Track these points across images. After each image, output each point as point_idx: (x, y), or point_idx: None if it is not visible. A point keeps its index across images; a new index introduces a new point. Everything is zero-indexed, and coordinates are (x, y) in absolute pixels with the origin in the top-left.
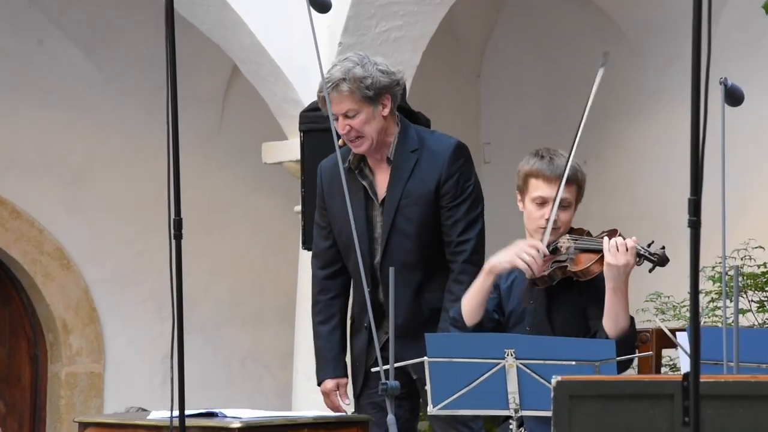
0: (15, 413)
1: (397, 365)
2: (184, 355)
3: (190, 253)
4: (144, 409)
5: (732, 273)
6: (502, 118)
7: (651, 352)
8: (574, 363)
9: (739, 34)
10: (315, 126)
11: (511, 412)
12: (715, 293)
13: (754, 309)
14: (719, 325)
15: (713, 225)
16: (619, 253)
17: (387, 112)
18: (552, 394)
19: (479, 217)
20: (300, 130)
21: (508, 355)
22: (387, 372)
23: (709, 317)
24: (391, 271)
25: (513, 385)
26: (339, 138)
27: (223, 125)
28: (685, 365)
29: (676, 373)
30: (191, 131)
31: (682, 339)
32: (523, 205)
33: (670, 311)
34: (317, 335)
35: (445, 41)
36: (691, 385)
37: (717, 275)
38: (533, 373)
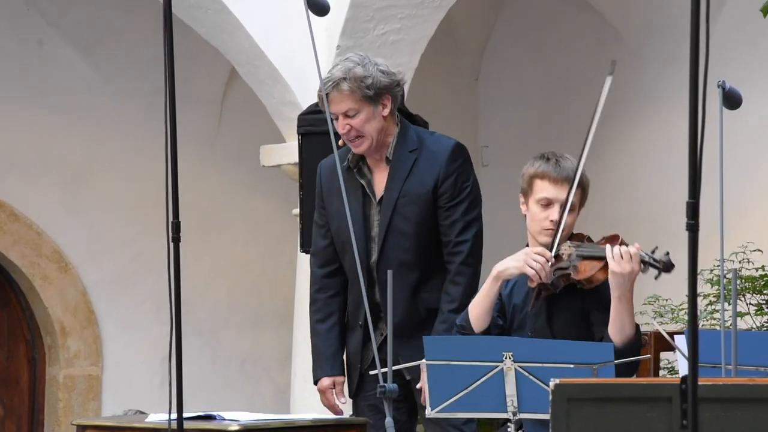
0: (13, 416)
1: (395, 368)
2: (182, 358)
3: (188, 256)
4: (142, 412)
5: (730, 276)
6: (501, 120)
7: (649, 355)
8: (572, 366)
9: (737, 36)
10: (313, 129)
11: (509, 415)
12: (714, 296)
13: (752, 312)
14: (717, 328)
15: (712, 228)
16: (624, 261)
17: (387, 112)
18: (550, 397)
19: (477, 218)
20: (298, 133)
21: (506, 358)
22: (384, 374)
23: (707, 320)
24: (389, 274)
25: (511, 388)
26: (338, 139)
27: (221, 128)
28: (683, 368)
29: (674, 376)
30: (190, 134)
31: (681, 342)
32: (527, 208)
33: (668, 314)
34: (315, 333)
35: (443, 44)
36: (689, 388)
37: (715, 278)
38: (531, 376)
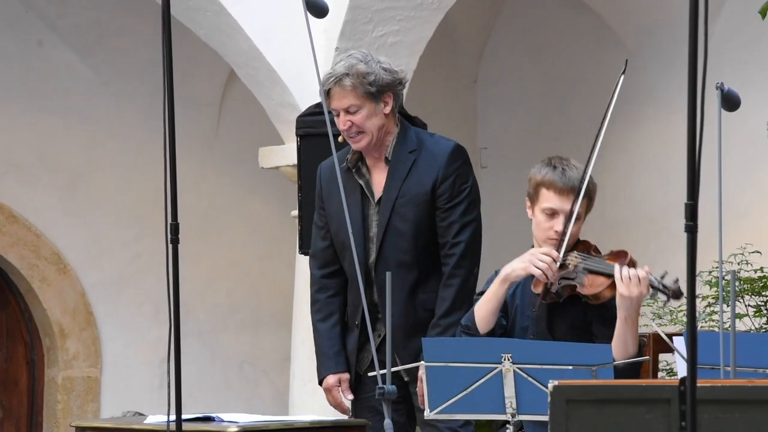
0: (12, 418)
1: (394, 369)
2: (181, 360)
3: (187, 258)
4: (141, 414)
5: (729, 277)
6: (499, 123)
7: (648, 357)
8: (571, 367)
9: (736, 38)
10: (312, 131)
11: (508, 417)
12: (712, 298)
13: (750, 313)
14: (716, 329)
15: (710, 229)
16: (632, 284)
17: (388, 110)
18: (549, 399)
19: (474, 220)
20: (297, 135)
21: (505, 359)
22: (383, 376)
23: (705, 322)
24: (388, 275)
25: (510, 390)
26: (337, 136)
27: (220, 130)
28: (681, 370)
29: (673, 377)
30: (188, 135)
31: (679, 343)
32: (532, 213)
33: (666, 316)
34: (317, 333)
35: (442, 46)
36: (687, 390)
37: (714, 280)
38: (530, 378)
